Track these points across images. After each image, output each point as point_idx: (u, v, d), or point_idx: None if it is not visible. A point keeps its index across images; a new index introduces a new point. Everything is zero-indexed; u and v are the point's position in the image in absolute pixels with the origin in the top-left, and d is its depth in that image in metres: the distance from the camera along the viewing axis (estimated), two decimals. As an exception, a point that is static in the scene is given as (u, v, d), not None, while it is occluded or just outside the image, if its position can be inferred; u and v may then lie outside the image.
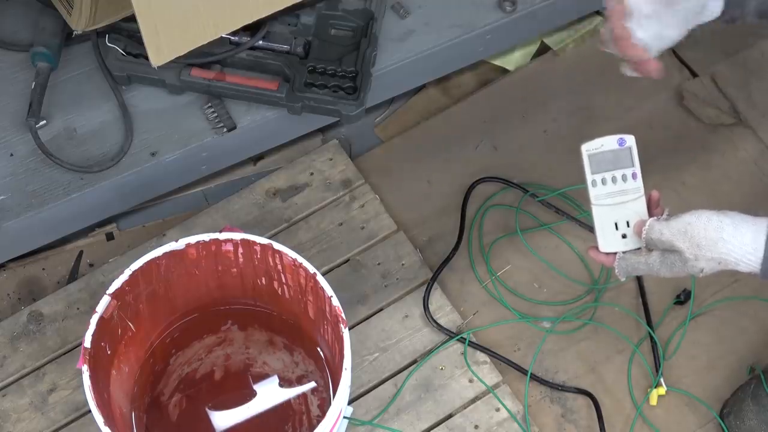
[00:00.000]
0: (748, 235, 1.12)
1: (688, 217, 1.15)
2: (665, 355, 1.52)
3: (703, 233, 1.13)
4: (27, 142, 1.49)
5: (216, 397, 1.41)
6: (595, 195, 1.23)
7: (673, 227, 1.15)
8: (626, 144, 1.24)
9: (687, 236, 1.14)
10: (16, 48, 1.56)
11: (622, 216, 1.22)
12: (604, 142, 1.23)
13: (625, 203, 1.22)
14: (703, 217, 1.14)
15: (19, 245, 1.53)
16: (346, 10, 1.57)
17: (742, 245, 1.12)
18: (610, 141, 1.23)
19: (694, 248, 1.13)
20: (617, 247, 1.22)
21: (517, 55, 1.76)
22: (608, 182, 1.23)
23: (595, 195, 1.23)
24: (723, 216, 1.14)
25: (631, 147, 1.24)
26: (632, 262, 1.20)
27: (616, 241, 1.22)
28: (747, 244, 1.12)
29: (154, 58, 1.43)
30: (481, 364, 1.49)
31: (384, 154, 1.68)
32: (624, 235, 1.22)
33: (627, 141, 1.24)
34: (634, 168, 1.23)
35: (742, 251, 1.12)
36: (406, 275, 1.55)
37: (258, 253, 1.30)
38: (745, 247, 1.12)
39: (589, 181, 1.23)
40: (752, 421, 1.42)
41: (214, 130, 1.53)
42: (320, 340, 1.38)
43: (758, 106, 1.70)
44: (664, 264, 1.17)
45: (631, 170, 1.23)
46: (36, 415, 1.43)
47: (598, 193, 1.23)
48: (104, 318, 1.23)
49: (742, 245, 1.12)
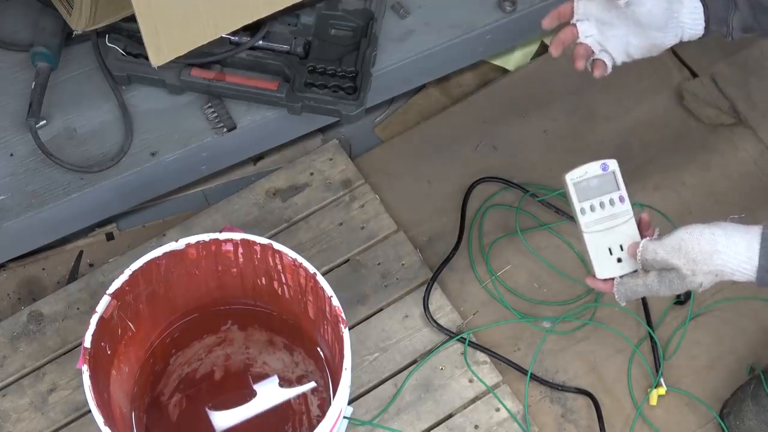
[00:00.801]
0: (742, 244, 1.12)
1: (680, 233, 1.15)
2: (665, 355, 1.52)
3: (698, 247, 1.13)
4: (27, 142, 1.49)
5: (216, 397, 1.41)
6: (585, 223, 1.22)
7: (667, 245, 1.15)
8: (609, 168, 1.23)
9: (682, 252, 1.13)
10: (16, 48, 1.56)
11: (615, 240, 1.22)
12: (587, 169, 1.22)
13: (616, 227, 1.22)
14: (696, 231, 1.14)
15: (19, 245, 1.53)
16: (346, 10, 1.57)
17: (737, 255, 1.12)
18: (593, 167, 1.23)
19: (690, 264, 1.13)
20: (614, 272, 1.22)
21: (517, 55, 1.76)
22: (597, 208, 1.22)
23: (585, 223, 1.22)
24: (715, 228, 1.14)
25: (614, 171, 1.23)
26: (631, 286, 1.20)
27: (612, 266, 1.22)
28: (741, 254, 1.12)
29: (154, 58, 1.43)
30: (481, 364, 1.49)
31: (384, 154, 1.68)
32: (619, 259, 1.21)
33: (610, 166, 1.23)
34: (620, 191, 1.23)
35: (737, 261, 1.12)
36: (406, 275, 1.55)
37: (258, 253, 1.30)
38: (740, 257, 1.12)
39: (577, 210, 1.22)
40: (752, 421, 1.42)
41: (214, 130, 1.53)
42: (320, 340, 1.38)
43: (758, 106, 1.70)
44: (663, 283, 1.16)
45: (618, 194, 1.22)
46: (36, 415, 1.43)
47: (588, 221, 1.22)
48: (104, 318, 1.23)
49: (736, 255, 1.12)
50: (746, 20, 1.26)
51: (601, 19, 1.27)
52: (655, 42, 1.27)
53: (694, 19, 1.26)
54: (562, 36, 1.29)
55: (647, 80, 1.74)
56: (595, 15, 1.27)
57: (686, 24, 1.26)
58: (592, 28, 1.28)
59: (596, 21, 1.28)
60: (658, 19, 1.24)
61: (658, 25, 1.25)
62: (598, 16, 1.27)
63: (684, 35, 1.27)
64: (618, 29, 1.27)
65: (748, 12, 1.25)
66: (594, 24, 1.28)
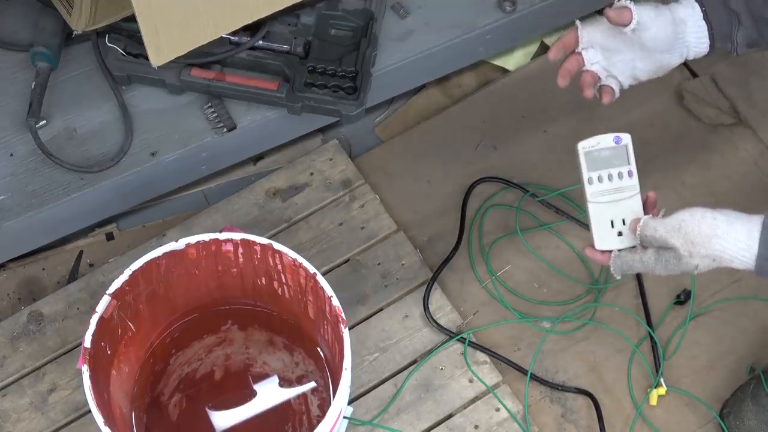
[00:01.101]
0: (742, 232, 1.13)
1: (682, 214, 1.15)
2: (665, 355, 1.52)
3: (698, 230, 1.13)
4: (27, 142, 1.49)
5: (216, 397, 1.41)
6: (591, 192, 1.23)
7: (668, 224, 1.16)
8: (622, 142, 1.24)
9: (681, 233, 1.14)
10: (16, 48, 1.56)
11: (618, 214, 1.22)
12: (600, 140, 1.24)
13: (621, 201, 1.23)
14: (698, 214, 1.14)
15: (19, 245, 1.53)
16: (346, 10, 1.57)
17: (737, 242, 1.12)
18: (607, 139, 1.24)
19: (688, 245, 1.13)
20: (613, 245, 1.22)
21: (517, 55, 1.76)
22: (604, 180, 1.23)
23: (591, 192, 1.23)
24: (717, 213, 1.14)
25: (627, 145, 1.24)
26: (627, 260, 1.20)
27: (612, 239, 1.22)
28: (741, 241, 1.12)
29: (154, 58, 1.43)
30: (481, 364, 1.49)
31: (384, 154, 1.68)
32: (620, 232, 1.22)
33: (623, 139, 1.24)
34: (630, 166, 1.24)
35: (737, 248, 1.13)
36: (406, 275, 1.55)
37: (258, 253, 1.30)
38: (739, 244, 1.12)
39: (585, 179, 1.23)
40: (752, 421, 1.42)
41: (214, 130, 1.53)
42: (320, 340, 1.38)
43: (758, 106, 1.70)
44: (659, 261, 1.17)
45: (627, 168, 1.24)
46: (36, 415, 1.43)
47: (594, 191, 1.23)
48: (104, 318, 1.23)
49: (736, 242, 1.12)
50: (750, 35, 1.27)
51: (606, 45, 1.28)
52: (661, 64, 1.28)
53: (698, 38, 1.26)
54: (568, 65, 1.29)
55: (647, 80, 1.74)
56: (599, 42, 1.28)
57: (691, 43, 1.27)
58: (598, 55, 1.29)
59: (601, 48, 1.28)
60: (664, 42, 1.25)
61: (663, 47, 1.26)
62: (602, 42, 1.28)
63: (689, 54, 1.28)
64: (623, 54, 1.28)
65: (751, 27, 1.26)
66: (599, 51, 1.28)
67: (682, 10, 1.26)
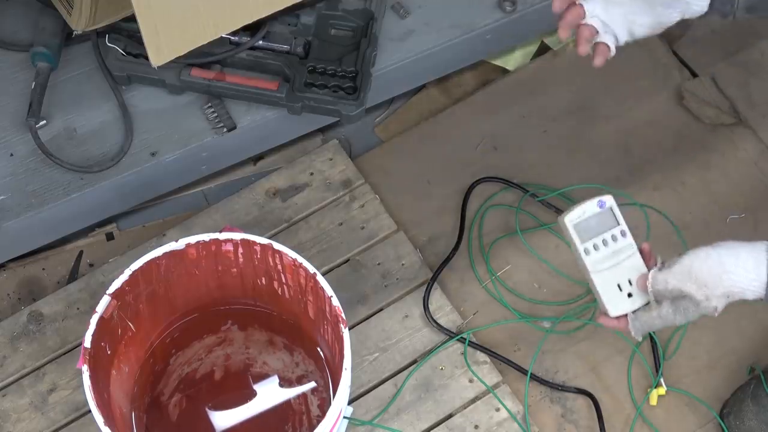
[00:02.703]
0: (750, 261, 1.11)
1: (686, 259, 1.13)
2: (665, 355, 1.52)
3: (707, 271, 1.12)
4: (27, 142, 1.49)
5: (216, 397, 1.41)
6: (591, 263, 1.20)
7: (677, 273, 1.14)
8: (606, 205, 1.20)
9: (692, 278, 1.12)
10: (16, 48, 1.56)
11: (623, 275, 1.20)
12: (584, 209, 1.20)
13: (622, 262, 1.20)
14: (702, 254, 1.13)
15: (19, 245, 1.53)
16: (346, 10, 1.57)
17: (746, 273, 1.11)
18: (590, 206, 1.20)
19: (702, 288, 1.12)
20: (626, 308, 1.20)
21: (517, 55, 1.76)
22: (600, 247, 1.20)
23: (590, 263, 1.20)
24: (720, 249, 1.12)
25: (612, 207, 1.20)
26: (646, 320, 1.18)
27: (624, 302, 1.20)
28: (750, 271, 1.11)
29: (154, 58, 1.43)
30: (481, 364, 1.49)
31: (384, 154, 1.68)
32: (629, 294, 1.19)
33: (606, 202, 1.21)
34: (621, 226, 1.20)
35: (747, 279, 1.11)
36: (406, 275, 1.55)
37: (258, 253, 1.30)
38: (749, 275, 1.11)
39: (581, 251, 1.19)
40: (752, 421, 1.42)
41: (214, 130, 1.53)
42: (320, 340, 1.38)
43: (758, 106, 1.70)
44: (678, 312, 1.15)
45: (619, 229, 1.20)
46: (36, 415, 1.43)
47: (593, 260, 1.20)
48: (104, 318, 1.23)
49: (746, 273, 1.11)
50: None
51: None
52: (660, 19, 1.24)
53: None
54: (569, 17, 1.24)
55: (647, 80, 1.74)
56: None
57: (691, 0, 1.23)
58: (597, 7, 1.24)
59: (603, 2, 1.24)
60: None
61: (664, 1, 1.22)
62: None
63: (687, 11, 1.24)
64: (624, 7, 1.24)
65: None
66: (599, 3, 1.24)
67: None
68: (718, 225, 1.61)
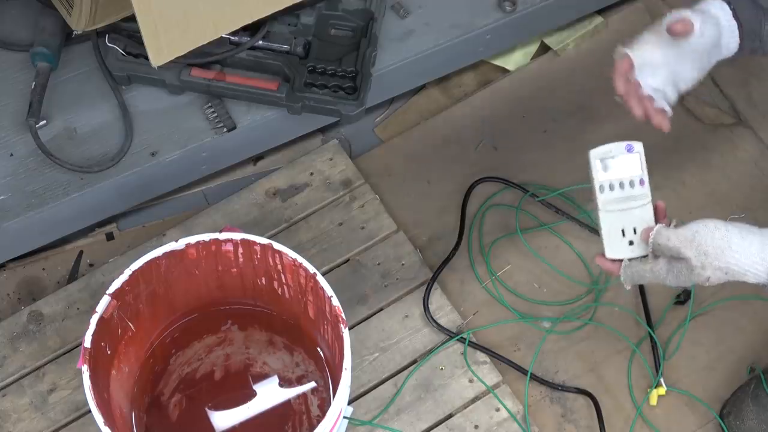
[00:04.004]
0: (756, 245, 1.12)
1: (695, 225, 1.14)
2: (665, 355, 1.52)
3: (711, 241, 1.12)
4: (27, 142, 1.49)
5: (216, 397, 1.41)
6: (603, 201, 1.21)
7: (681, 234, 1.15)
8: (635, 150, 1.22)
9: (694, 244, 1.13)
10: (16, 48, 1.56)
11: (629, 222, 1.21)
12: (612, 148, 1.22)
13: (633, 209, 1.21)
14: (711, 225, 1.14)
15: (19, 245, 1.53)
16: (346, 10, 1.57)
17: (750, 255, 1.12)
18: (619, 147, 1.22)
19: (701, 256, 1.12)
20: (624, 254, 1.21)
21: (517, 55, 1.76)
22: (616, 188, 1.21)
23: (602, 201, 1.21)
24: (730, 226, 1.13)
25: (639, 153, 1.22)
26: (638, 270, 1.19)
27: (623, 248, 1.21)
28: (754, 254, 1.12)
29: (154, 58, 1.43)
30: (481, 364, 1.49)
31: (384, 154, 1.68)
32: (631, 241, 1.21)
33: (635, 147, 1.22)
34: (642, 174, 1.22)
35: (750, 261, 1.12)
36: (406, 275, 1.55)
37: (258, 253, 1.30)
38: (753, 257, 1.12)
39: (596, 187, 1.21)
40: (752, 421, 1.42)
41: (214, 130, 1.53)
42: (320, 340, 1.38)
43: (758, 106, 1.70)
44: (671, 272, 1.16)
45: (639, 176, 1.22)
46: (36, 415, 1.43)
47: (606, 199, 1.21)
48: (104, 318, 1.23)
49: (749, 255, 1.12)
50: None
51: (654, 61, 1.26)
52: (702, 69, 1.27)
53: (730, 37, 1.26)
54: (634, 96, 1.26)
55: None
56: (649, 61, 1.26)
57: (724, 43, 1.26)
58: (647, 77, 1.26)
59: (651, 66, 1.26)
60: (712, 46, 1.24)
61: (710, 51, 1.25)
62: (651, 60, 1.26)
63: (721, 55, 1.27)
64: (668, 67, 1.26)
65: None
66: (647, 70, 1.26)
67: (713, 10, 1.25)
68: (718, 225, 1.61)
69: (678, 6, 1.41)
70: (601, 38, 1.76)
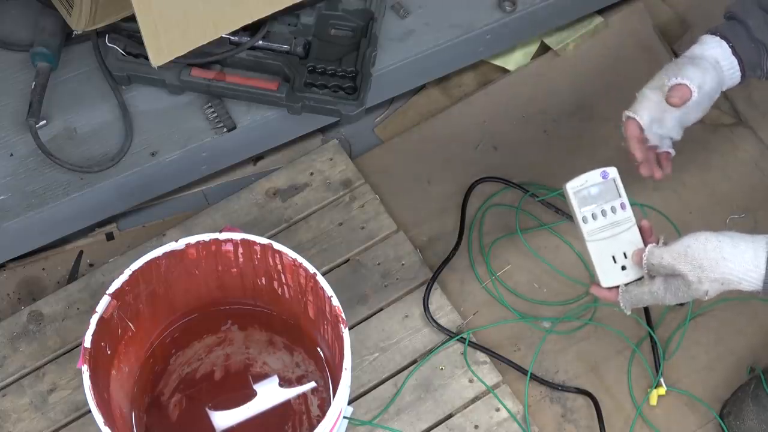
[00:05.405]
0: (749, 252, 1.12)
1: (686, 239, 1.15)
2: (665, 355, 1.52)
3: (704, 254, 1.13)
4: (27, 142, 1.49)
5: (216, 397, 1.41)
6: (588, 231, 1.22)
7: (673, 250, 1.15)
8: (609, 176, 1.23)
9: (688, 259, 1.13)
10: (16, 48, 1.56)
11: (618, 248, 1.21)
12: (587, 178, 1.23)
13: (619, 235, 1.22)
14: (702, 237, 1.14)
15: (19, 245, 1.53)
16: (346, 10, 1.57)
17: (743, 263, 1.12)
18: (593, 176, 1.23)
19: (696, 270, 1.13)
20: (619, 280, 1.21)
21: (517, 55, 1.76)
22: (598, 216, 1.22)
23: (587, 231, 1.22)
24: (721, 236, 1.14)
25: (614, 178, 1.23)
26: (636, 293, 1.19)
27: (617, 274, 1.21)
28: (748, 262, 1.12)
29: (154, 59, 1.43)
30: (481, 364, 1.49)
31: (384, 154, 1.68)
32: (623, 267, 1.21)
33: (610, 173, 1.24)
34: (621, 198, 1.23)
35: (744, 269, 1.12)
36: (406, 275, 1.55)
37: (258, 253, 1.30)
38: (746, 265, 1.12)
39: (579, 218, 1.22)
40: (752, 422, 1.42)
41: (214, 130, 1.53)
42: (320, 340, 1.38)
43: (758, 106, 1.70)
44: (669, 290, 1.16)
45: (619, 201, 1.23)
46: (36, 415, 1.43)
47: (590, 229, 1.22)
48: (104, 318, 1.23)
49: (743, 263, 1.12)
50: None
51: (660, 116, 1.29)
52: (707, 107, 1.29)
53: (732, 72, 1.29)
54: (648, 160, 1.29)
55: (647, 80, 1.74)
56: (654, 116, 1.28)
57: (726, 78, 1.29)
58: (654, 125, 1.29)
59: (656, 121, 1.29)
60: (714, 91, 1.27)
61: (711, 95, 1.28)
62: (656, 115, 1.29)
63: (724, 87, 1.30)
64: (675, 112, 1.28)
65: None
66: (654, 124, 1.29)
67: (712, 51, 1.27)
68: (718, 225, 1.61)
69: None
70: (601, 38, 1.76)
